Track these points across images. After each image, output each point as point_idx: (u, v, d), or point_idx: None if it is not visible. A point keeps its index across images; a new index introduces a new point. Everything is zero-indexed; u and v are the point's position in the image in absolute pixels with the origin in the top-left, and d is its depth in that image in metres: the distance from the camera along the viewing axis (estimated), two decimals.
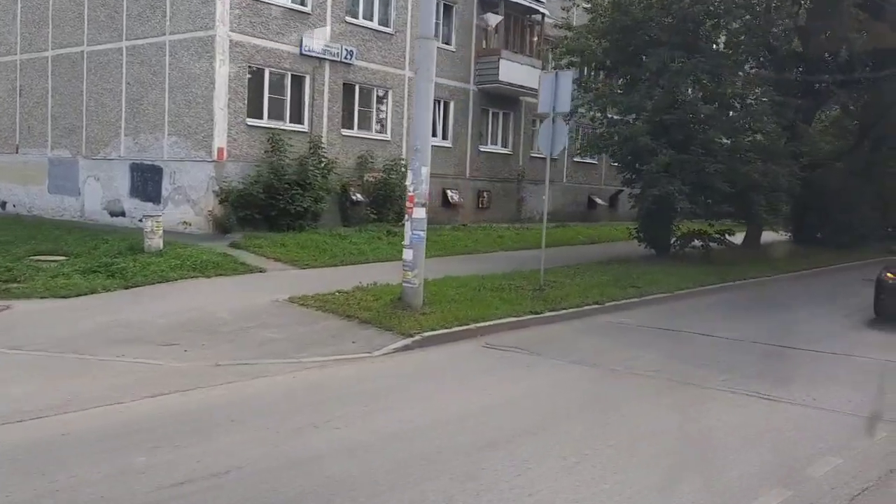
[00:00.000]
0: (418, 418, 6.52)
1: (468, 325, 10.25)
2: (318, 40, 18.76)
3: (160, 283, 12.39)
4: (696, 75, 16.61)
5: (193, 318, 10.09)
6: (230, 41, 16.97)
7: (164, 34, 17.83)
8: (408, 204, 10.50)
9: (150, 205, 17.99)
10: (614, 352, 9.48)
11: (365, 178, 20.11)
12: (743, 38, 19.29)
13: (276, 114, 18.28)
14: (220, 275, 13.32)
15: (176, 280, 12.63)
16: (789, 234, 25.97)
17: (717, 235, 18.55)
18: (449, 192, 23.34)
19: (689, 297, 13.99)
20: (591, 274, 14.92)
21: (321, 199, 18.19)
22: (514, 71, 23.97)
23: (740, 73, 19.00)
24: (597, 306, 12.21)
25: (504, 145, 25.96)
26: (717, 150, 17.01)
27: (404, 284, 10.67)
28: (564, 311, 11.70)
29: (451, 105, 23.37)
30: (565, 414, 6.82)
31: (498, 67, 23.67)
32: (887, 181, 24.91)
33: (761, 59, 21.27)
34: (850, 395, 7.71)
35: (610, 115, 18.92)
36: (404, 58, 21.40)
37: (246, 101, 17.51)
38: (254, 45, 17.51)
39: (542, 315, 11.29)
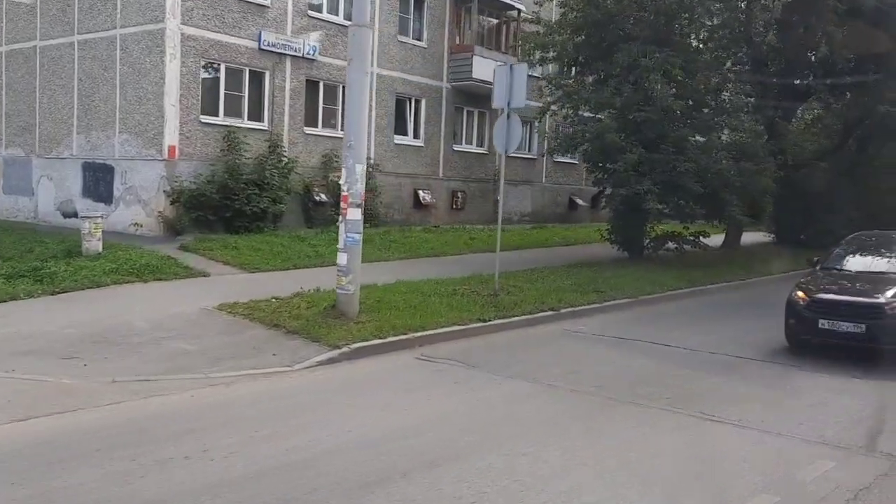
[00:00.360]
0: (312, 446, 5.79)
1: (406, 334, 9.54)
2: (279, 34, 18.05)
3: (90, 288, 11.67)
4: (667, 69, 15.87)
5: (107, 328, 9.35)
6: (182, 35, 16.24)
7: (115, 27, 17.11)
8: (342, 204, 9.79)
9: (101, 205, 17.29)
10: (559, 364, 8.75)
11: (330, 178, 19.35)
12: (719, 32, 18.59)
13: (233, 111, 17.54)
14: (159, 279, 12.60)
15: (108, 285, 11.91)
16: (772, 236, 25.28)
17: (691, 237, 17.82)
18: (421, 193, 22.62)
19: (653, 303, 13.27)
20: (555, 278, 14.19)
21: (280, 199, 17.46)
22: (489, 68, 22.91)
23: (714, 69, 18.22)
24: (552, 313, 11.50)
25: (479, 144, 25.21)
26: (689, 149, 16.29)
27: (338, 291, 9.95)
28: (516, 319, 10.99)
29: (423, 103, 22.64)
30: (481, 440, 6.08)
31: (471, 64, 22.95)
32: (872, 182, 24.18)
33: (741, 55, 20.55)
34: (802, 416, 6.99)
35: (581, 113, 18.21)
36: (372, 53, 20.63)
37: (200, 98, 16.78)
38: (208, 38, 16.77)
39: (490, 323, 10.57)
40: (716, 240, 22.50)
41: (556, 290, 12.76)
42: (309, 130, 19.25)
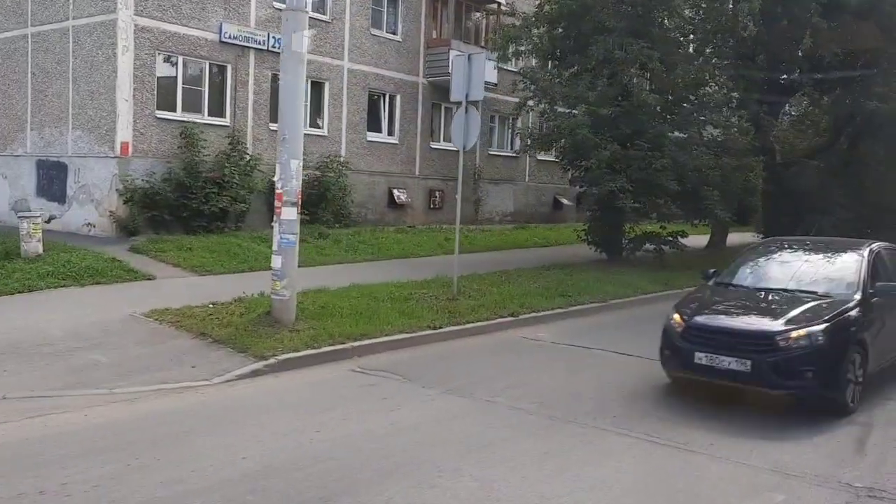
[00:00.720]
0: (191, 478, 5.08)
1: (344, 343, 8.83)
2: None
3: (21, 293, 10.99)
4: (644, 62, 15.15)
5: (19, 337, 8.62)
6: (135, 26, 15.48)
7: (68, 19, 16.36)
8: (276, 203, 9.08)
9: (55, 205, 16.61)
10: (505, 377, 8.05)
11: None
12: (700, 27, 17.88)
13: (191, 106, 16.78)
14: (98, 283, 11.90)
15: (42, 290, 11.22)
16: (760, 236, 24.54)
17: (669, 238, 17.10)
18: (396, 192, 21.88)
19: (622, 308, 12.58)
20: (522, 281, 13.50)
21: (242, 198, 16.71)
22: None
23: (695, 63, 17.50)
24: (511, 319, 10.80)
25: None
26: (667, 145, 15.57)
27: (273, 297, 9.25)
28: (471, 326, 10.31)
29: (398, 99, 21.89)
30: (390, 469, 5.36)
31: (449, 59, 22.15)
32: (866, 180, 23.42)
33: (725, 48, 19.82)
34: (757, 439, 6.28)
35: (557, 108, 17.49)
36: (342, 47, 19.97)
37: (155, 92, 16.02)
38: (163, 30, 16.01)
39: (441, 330, 9.88)
40: (702, 240, 21.86)
41: (520, 295, 12.06)
42: (275, 127, 18.30)
